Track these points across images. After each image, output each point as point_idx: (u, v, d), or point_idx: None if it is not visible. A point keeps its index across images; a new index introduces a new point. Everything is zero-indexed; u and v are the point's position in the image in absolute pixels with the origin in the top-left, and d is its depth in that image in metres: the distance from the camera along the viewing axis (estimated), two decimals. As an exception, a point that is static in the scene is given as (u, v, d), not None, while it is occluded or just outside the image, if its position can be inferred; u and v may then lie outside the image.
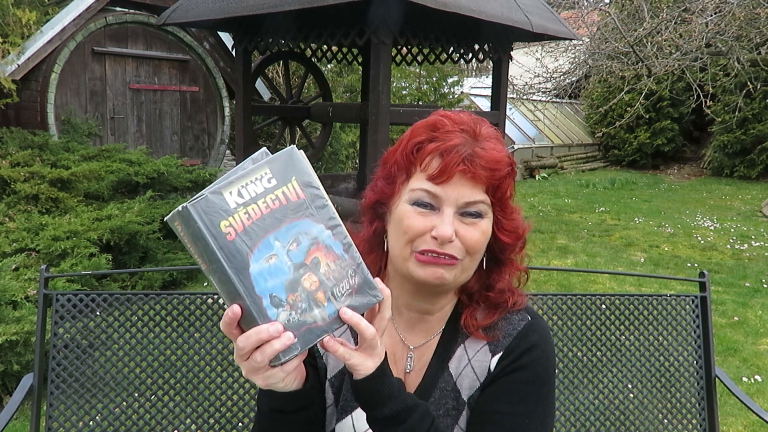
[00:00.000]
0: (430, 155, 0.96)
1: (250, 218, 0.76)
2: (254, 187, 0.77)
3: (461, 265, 0.98)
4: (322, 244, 0.81)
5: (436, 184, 0.95)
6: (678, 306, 2.04)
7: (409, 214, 0.97)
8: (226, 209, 0.74)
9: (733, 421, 3.34)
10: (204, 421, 1.78)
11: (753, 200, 11.46)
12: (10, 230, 4.10)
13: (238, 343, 0.78)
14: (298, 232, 0.79)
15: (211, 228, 0.74)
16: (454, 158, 0.94)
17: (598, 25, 9.04)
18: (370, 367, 0.86)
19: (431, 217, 0.96)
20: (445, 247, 0.95)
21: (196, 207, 0.73)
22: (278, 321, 0.77)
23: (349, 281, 0.83)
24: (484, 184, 0.96)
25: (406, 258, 0.98)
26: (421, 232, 0.96)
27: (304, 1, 3.28)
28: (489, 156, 0.96)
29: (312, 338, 0.80)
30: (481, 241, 0.98)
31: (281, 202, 0.78)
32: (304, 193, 0.80)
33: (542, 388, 1.01)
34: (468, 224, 0.96)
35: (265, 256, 0.76)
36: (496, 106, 4.43)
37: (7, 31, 5.31)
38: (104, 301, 1.77)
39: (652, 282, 5.74)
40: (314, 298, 0.80)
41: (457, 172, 0.94)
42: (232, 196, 0.75)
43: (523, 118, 14.88)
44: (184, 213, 0.73)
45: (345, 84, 9.29)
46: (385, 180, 1.03)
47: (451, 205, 0.96)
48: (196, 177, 5.85)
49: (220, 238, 0.74)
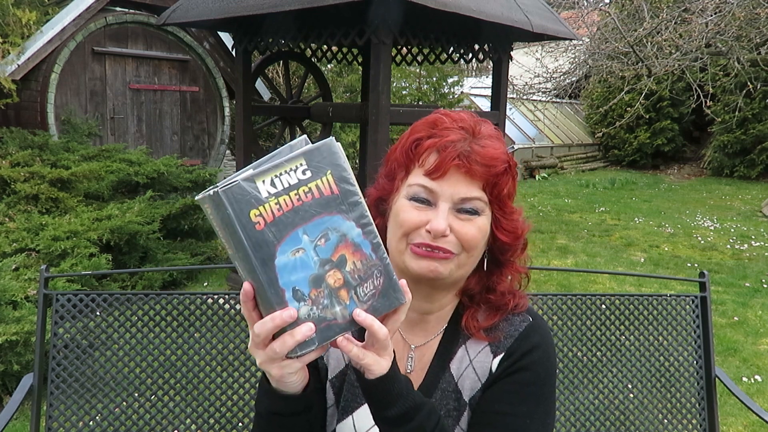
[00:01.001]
0: (427, 151, 0.98)
1: (281, 209, 0.74)
2: (288, 177, 0.75)
3: (457, 260, 0.98)
4: (351, 242, 0.79)
5: (432, 179, 0.96)
6: (678, 306, 2.04)
7: (405, 208, 0.98)
8: (257, 198, 0.73)
9: (733, 421, 3.34)
10: (204, 421, 1.78)
11: (753, 200, 11.46)
12: (10, 230, 4.10)
13: (255, 329, 0.77)
14: (327, 228, 0.78)
15: (241, 216, 0.72)
16: (450, 153, 0.96)
17: (598, 25, 9.04)
18: (384, 367, 0.86)
19: (427, 211, 0.97)
20: (439, 241, 0.96)
21: (227, 193, 0.72)
22: (299, 315, 0.77)
23: (374, 282, 0.81)
24: (480, 180, 0.97)
25: (402, 251, 0.99)
26: (416, 225, 0.97)
27: (304, 1, 3.28)
28: (485, 152, 0.97)
29: (330, 335, 0.80)
30: (477, 237, 0.98)
31: (314, 196, 0.76)
32: (338, 188, 0.78)
33: (543, 388, 1.01)
34: (463, 220, 0.97)
35: (291, 249, 0.75)
36: (496, 106, 4.43)
37: (7, 31, 5.31)
38: (104, 301, 1.77)
39: (652, 282, 5.74)
40: (337, 296, 0.79)
41: (452, 167, 0.96)
42: (265, 185, 0.74)
43: (523, 118, 14.87)
44: (215, 197, 0.72)
45: (345, 84, 9.28)
46: (386, 177, 1.05)
47: (447, 201, 0.97)
48: (196, 177, 5.86)
49: (248, 227, 0.73)
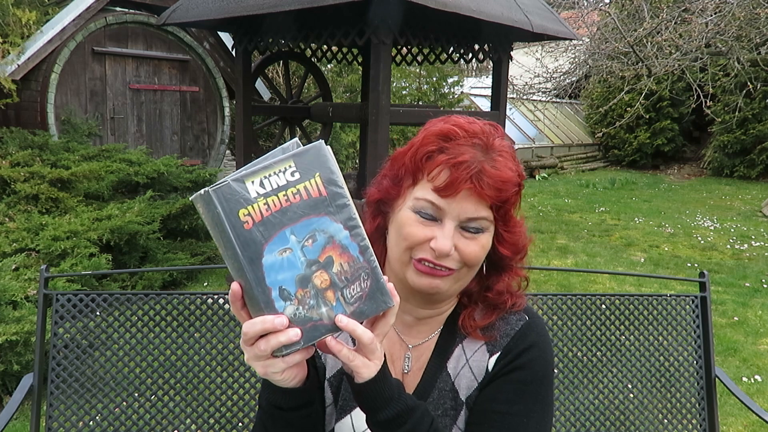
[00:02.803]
0: (438, 167, 0.95)
1: (269, 209, 0.76)
2: (277, 178, 0.77)
3: (457, 274, 0.99)
4: (338, 244, 0.81)
5: (442, 197, 0.95)
6: (678, 306, 2.04)
7: (410, 221, 0.97)
8: (246, 198, 0.75)
9: (733, 421, 3.34)
10: (204, 421, 1.78)
11: (753, 200, 11.46)
12: (10, 230, 4.10)
13: (243, 328, 0.79)
14: (315, 229, 0.79)
15: (230, 215, 0.75)
16: (463, 175, 0.93)
17: (598, 25, 9.04)
18: (372, 370, 0.86)
19: (432, 227, 0.96)
20: (442, 259, 0.96)
21: (218, 193, 0.74)
22: (284, 314, 0.78)
23: (361, 284, 0.82)
24: (489, 201, 0.96)
25: (405, 264, 0.99)
26: (420, 241, 0.96)
27: (304, 1, 3.28)
28: (498, 175, 0.95)
29: (316, 335, 0.81)
30: (480, 255, 0.99)
31: (302, 197, 0.78)
32: (326, 190, 0.80)
33: (540, 387, 1.01)
34: (468, 238, 0.97)
35: (279, 249, 0.77)
36: (496, 106, 4.43)
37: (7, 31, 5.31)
38: (104, 301, 1.77)
39: (652, 282, 5.74)
40: (323, 297, 0.80)
41: (463, 189, 0.94)
42: (254, 186, 0.76)
43: (523, 118, 14.87)
44: (205, 197, 0.74)
45: (345, 84, 9.28)
46: (391, 180, 1.03)
47: (453, 219, 0.96)
48: (196, 177, 5.85)
49: (237, 226, 0.75)
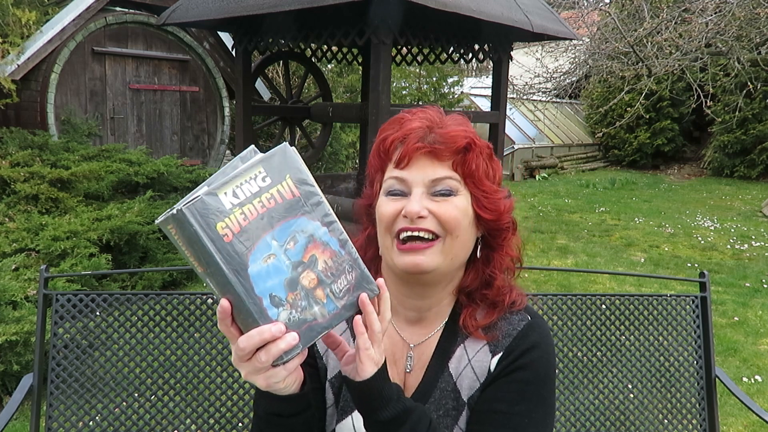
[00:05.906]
0: (392, 144, 1.01)
1: (246, 218, 0.75)
2: (249, 186, 0.76)
3: (441, 245, 0.99)
4: (319, 241, 0.81)
5: (401, 169, 1.00)
6: (678, 306, 2.04)
7: (383, 203, 1.01)
8: (221, 210, 0.73)
9: (733, 421, 3.34)
10: (204, 421, 1.78)
11: (753, 200, 11.45)
12: (10, 230, 4.09)
13: (239, 344, 0.77)
14: (294, 231, 0.79)
15: (208, 230, 0.72)
16: (412, 140, 0.99)
17: (598, 25, 9.03)
18: (375, 366, 0.87)
19: (402, 200, 1.00)
20: (417, 222, 0.97)
21: (191, 209, 0.71)
22: (279, 321, 0.77)
23: (347, 276, 0.83)
24: (446, 160, 0.99)
25: (389, 247, 1.01)
26: (393, 215, 0.99)
27: (304, 1, 3.28)
28: (446, 132, 1.00)
29: (313, 335, 0.80)
30: (457, 216, 0.99)
31: (276, 201, 0.77)
32: (298, 190, 0.79)
33: (542, 388, 1.01)
34: (440, 201, 0.99)
35: (263, 256, 0.76)
36: (496, 106, 4.43)
37: (7, 31, 5.31)
38: (104, 301, 1.77)
39: (652, 282, 5.74)
40: (314, 296, 0.80)
41: (416, 152, 0.98)
42: (227, 197, 0.74)
43: (523, 118, 14.87)
44: (179, 216, 0.71)
45: (345, 84, 9.27)
46: (369, 185, 1.09)
47: (419, 186, 0.99)
48: (196, 177, 5.85)
49: (217, 241, 0.72)
